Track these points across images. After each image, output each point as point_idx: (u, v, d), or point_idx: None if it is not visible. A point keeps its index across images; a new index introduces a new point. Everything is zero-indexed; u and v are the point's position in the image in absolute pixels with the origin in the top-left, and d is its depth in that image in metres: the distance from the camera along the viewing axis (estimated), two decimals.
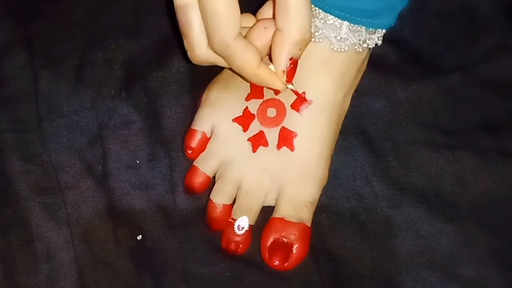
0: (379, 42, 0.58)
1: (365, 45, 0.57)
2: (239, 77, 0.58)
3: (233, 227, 0.59)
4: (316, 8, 0.56)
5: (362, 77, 0.61)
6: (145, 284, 0.58)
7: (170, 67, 0.65)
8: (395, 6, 0.55)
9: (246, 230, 0.59)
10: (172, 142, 0.63)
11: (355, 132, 0.63)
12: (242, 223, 0.59)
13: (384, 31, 0.57)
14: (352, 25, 0.56)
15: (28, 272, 0.58)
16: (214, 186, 0.60)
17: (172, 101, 0.64)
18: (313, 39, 0.56)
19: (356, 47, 0.57)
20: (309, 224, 0.59)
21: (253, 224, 0.59)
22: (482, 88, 0.64)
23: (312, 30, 0.56)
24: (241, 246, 0.59)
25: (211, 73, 0.63)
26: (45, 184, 0.61)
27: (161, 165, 0.62)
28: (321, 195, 0.60)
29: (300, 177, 0.59)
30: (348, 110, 0.61)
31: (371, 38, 0.57)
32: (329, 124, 0.59)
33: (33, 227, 0.59)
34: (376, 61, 0.61)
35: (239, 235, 0.59)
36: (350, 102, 0.61)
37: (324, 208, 0.61)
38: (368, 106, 0.63)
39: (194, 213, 0.61)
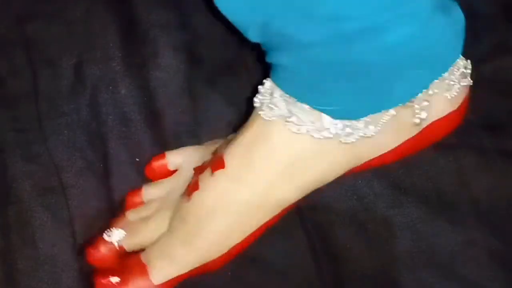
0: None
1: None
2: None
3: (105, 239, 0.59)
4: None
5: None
6: None
7: (169, 67, 0.65)
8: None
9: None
10: (171, 142, 0.63)
11: None
12: (116, 236, 0.59)
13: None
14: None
15: (30, 273, 0.59)
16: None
17: (171, 102, 0.65)
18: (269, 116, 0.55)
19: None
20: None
21: None
22: (482, 88, 0.63)
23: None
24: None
25: (209, 75, 0.65)
26: (47, 184, 0.61)
27: None
28: (321, 195, 0.61)
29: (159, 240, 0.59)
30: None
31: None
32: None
33: (35, 228, 0.60)
34: None
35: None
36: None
37: (324, 208, 0.61)
38: None
39: None
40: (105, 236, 0.58)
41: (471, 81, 0.59)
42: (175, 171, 0.62)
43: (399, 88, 0.53)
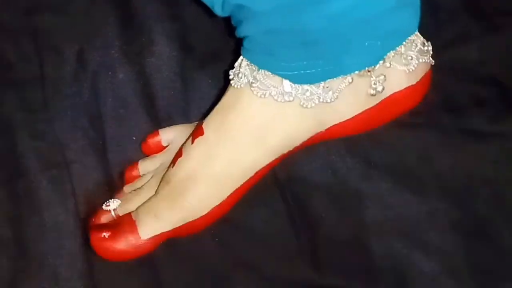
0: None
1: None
2: None
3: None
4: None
5: None
6: None
7: (163, 54, 0.67)
8: None
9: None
10: (165, 121, 0.66)
11: None
12: (113, 205, 0.62)
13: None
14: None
15: (37, 239, 0.61)
16: None
17: (165, 85, 0.67)
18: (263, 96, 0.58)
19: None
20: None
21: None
22: (444, 74, 0.65)
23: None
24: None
25: (199, 61, 0.67)
26: (52, 159, 0.63)
27: None
28: (299, 169, 0.63)
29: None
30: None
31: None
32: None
33: (41, 198, 0.62)
34: None
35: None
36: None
37: (302, 180, 0.63)
38: None
39: None
40: (103, 206, 0.61)
41: (432, 60, 0.61)
42: (168, 146, 0.64)
43: (352, 56, 0.56)
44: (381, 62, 0.58)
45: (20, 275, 0.60)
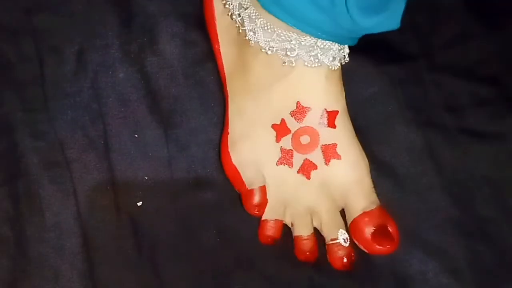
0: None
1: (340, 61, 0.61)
2: (255, 131, 0.62)
3: (340, 245, 0.60)
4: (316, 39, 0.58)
5: None
6: (141, 246, 0.62)
7: (164, 53, 0.67)
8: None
9: (349, 239, 0.60)
10: (168, 120, 0.65)
11: None
12: (344, 235, 0.60)
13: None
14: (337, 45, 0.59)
15: (37, 240, 0.61)
16: (295, 224, 0.61)
17: (167, 83, 0.66)
18: (313, 65, 0.59)
19: (337, 62, 0.60)
20: (379, 203, 0.61)
21: None
22: (444, 72, 0.66)
23: (311, 59, 0.59)
24: (352, 254, 0.60)
25: (200, 58, 0.66)
26: (52, 158, 0.63)
27: (158, 139, 0.65)
28: None
29: (355, 175, 0.61)
30: None
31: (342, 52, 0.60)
32: (349, 120, 0.62)
33: (41, 198, 0.62)
34: (351, 50, 0.63)
35: (346, 247, 0.60)
36: None
37: None
38: (347, 88, 0.63)
39: (188, 185, 0.64)
40: (344, 243, 0.61)
41: None
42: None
43: None
44: None
45: (20, 275, 0.60)
